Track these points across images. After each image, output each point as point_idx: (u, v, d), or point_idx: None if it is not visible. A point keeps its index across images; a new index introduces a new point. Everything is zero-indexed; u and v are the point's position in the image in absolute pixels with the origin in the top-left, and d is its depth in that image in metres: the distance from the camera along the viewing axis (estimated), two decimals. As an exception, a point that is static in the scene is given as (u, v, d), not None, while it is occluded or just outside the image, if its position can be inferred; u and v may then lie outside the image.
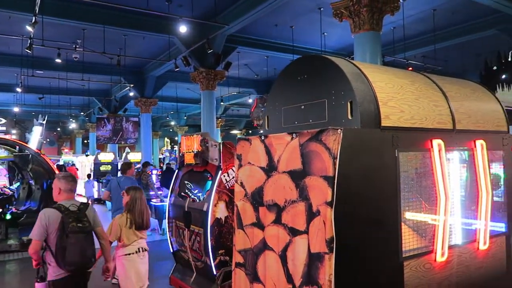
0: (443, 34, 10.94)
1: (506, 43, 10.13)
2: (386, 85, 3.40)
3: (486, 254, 4.13)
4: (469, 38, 11.39)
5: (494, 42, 10.74)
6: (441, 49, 12.15)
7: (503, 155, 4.46)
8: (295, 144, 3.17)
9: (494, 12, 9.52)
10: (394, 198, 3.26)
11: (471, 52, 12.76)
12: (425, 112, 3.58)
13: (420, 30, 10.91)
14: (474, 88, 4.62)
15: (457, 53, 12.86)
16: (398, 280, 3.25)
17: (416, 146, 3.52)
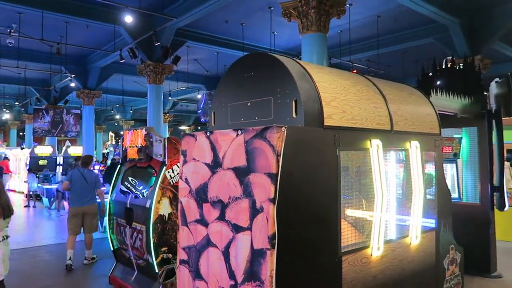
0: (386, 40, 11.50)
1: (441, 52, 10.86)
2: (330, 86, 3.50)
3: (417, 248, 4.40)
4: (410, 45, 12.06)
5: (431, 50, 11.46)
6: (384, 54, 12.76)
7: (435, 156, 4.77)
8: (240, 141, 3.17)
9: (431, 22, 10.16)
10: (335, 196, 3.37)
11: (411, 59, 13.51)
12: (365, 113, 3.73)
13: (365, 35, 11.37)
14: (411, 92, 4.89)
15: (399, 58, 13.57)
16: (336, 274, 3.36)
17: (356, 146, 3.66)
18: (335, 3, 7.21)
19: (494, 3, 9.61)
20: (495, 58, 11.64)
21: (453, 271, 5.02)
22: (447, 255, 4.89)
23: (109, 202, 5.56)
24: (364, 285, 3.62)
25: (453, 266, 5.02)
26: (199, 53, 14.01)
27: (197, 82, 18.30)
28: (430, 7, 8.85)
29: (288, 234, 2.94)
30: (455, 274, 5.05)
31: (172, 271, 4.48)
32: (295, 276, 3.03)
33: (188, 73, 16.67)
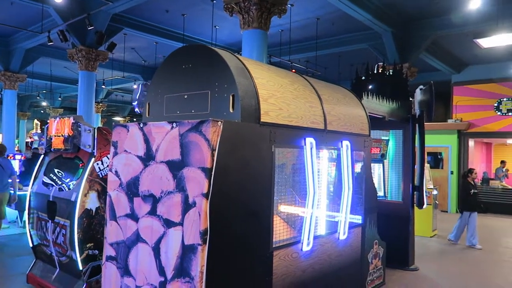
0: (324, 42, 11.88)
1: (375, 57, 11.46)
2: (268, 83, 3.53)
3: (345, 243, 4.60)
4: (346, 49, 12.57)
5: (365, 55, 12.04)
6: (322, 56, 13.18)
7: (364, 156, 5.02)
8: (175, 133, 3.08)
9: (367, 28, 10.67)
10: (269, 192, 3.41)
11: (347, 62, 14.08)
12: (301, 112, 3.82)
13: (305, 36, 11.65)
14: (345, 94, 5.09)
15: (335, 61, 14.10)
16: (267, 269, 3.41)
17: (291, 143, 3.73)
18: (277, 1, 7.30)
19: (422, 16, 10.33)
20: (421, 67, 12.52)
21: (376, 265, 5.33)
22: (371, 249, 5.18)
23: (29, 195, 5.14)
24: (293, 279, 3.71)
25: (376, 260, 5.33)
26: (136, 41, 13.46)
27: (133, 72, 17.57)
28: (366, 14, 9.28)
29: (220, 229, 2.92)
30: (378, 268, 5.37)
31: (98, 269, 4.26)
32: (226, 271, 3.02)
33: (124, 62, 15.94)
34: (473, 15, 9.19)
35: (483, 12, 8.96)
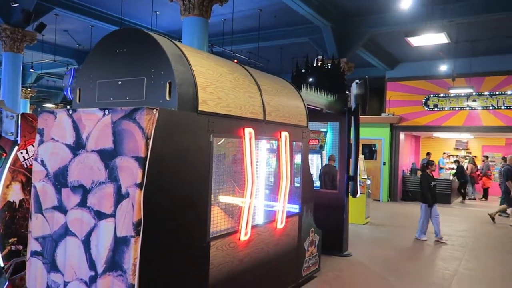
0: (266, 34, 11.94)
1: (315, 51, 11.74)
2: (207, 71, 3.47)
3: (282, 232, 4.70)
4: (287, 42, 12.75)
5: (306, 48, 12.30)
6: (264, 48, 13.26)
7: (302, 147, 5.13)
8: (107, 121, 2.93)
9: (308, 22, 10.88)
10: (206, 182, 3.37)
11: (288, 55, 14.29)
12: (240, 102, 3.81)
13: (248, 27, 11.64)
14: (284, 85, 5.16)
15: (277, 54, 14.26)
16: (204, 259, 3.38)
17: (230, 133, 3.72)
18: (218, -11, 7.20)
19: (360, 13, 10.74)
20: (358, 63, 13.06)
21: (312, 252, 5.51)
22: (307, 237, 5.34)
23: None
24: (230, 268, 3.72)
25: (312, 247, 5.52)
26: (70, 23, 12.62)
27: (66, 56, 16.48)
28: (307, 8, 9.46)
29: (155, 220, 2.84)
30: (314, 255, 5.56)
31: (22, 265, 3.97)
32: (161, 263, 2.95)
33: (56, 45, 14.88)
34: (405, 15, 9.72)
35: (414, 12, 9.50)
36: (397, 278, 5.85)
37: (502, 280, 6.00)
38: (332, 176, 7.66)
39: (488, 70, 13.29)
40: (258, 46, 11.88)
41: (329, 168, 7.99)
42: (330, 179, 7.73)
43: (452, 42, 10.00)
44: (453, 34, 9.91)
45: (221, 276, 3.58)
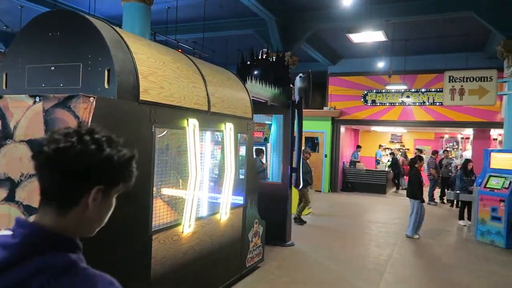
0: (211, 24, 11.78)
1: (261, 44, 11.79)
2: (148, 59, 3.34)
3: (226, 223, 4.69)
4: (233, 33, 12.68)
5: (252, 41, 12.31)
6: (210, 39, 13.08)
7: (246, 138, 5.15)
8: (38, 109, 2.73)
9: (253, 14, 10.89)
10: (148, 174, 3.26)
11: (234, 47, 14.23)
12: (184, 92, 3.72)
13: (192, 16, 11.40)
14: (229, 76, 5.13)
15: (223, 45, 14.14)
16: (145, 253, 3.29)
17: (173, 124, 3.62)
18: (162, -25, 6.97)
19: (305, 8, 10.94)
20: (302, 57, 13.32)
21: (256, 243, 5.57)
22: (251, 228, 5.39)
23: None
24: (173, 261, 3.65)
25: (256, 238, 5.58)
26: (-3, 3, 11.61)
27: (-7, 39, 15.18)
28: (253, 0, 9.48)
29: (92, 214, 2.70)
30: (258, 245, 5.63)
31: None
32: (100, 258, 2.81)
33: (-20, 26, 13.64)
34: (347, 12, 10.05)
35: (355, 10, 9.86)
36: (337, 265, 6.09)
37: (430, 262, 6.48)
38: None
39: (420, 69, 14.17)
40: (203, 37, 11.69)
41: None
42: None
43: (389, 41, 10.52)
44: (390, 33, 10.44)
45: (163, 270, 3.50)
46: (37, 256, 0.87)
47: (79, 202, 0.95)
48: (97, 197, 0.97)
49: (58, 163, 0.92)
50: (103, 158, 0.96)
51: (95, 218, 1.00)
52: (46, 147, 0.92)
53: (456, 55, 13.37)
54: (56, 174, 0.93)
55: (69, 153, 0.91)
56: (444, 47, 13.11)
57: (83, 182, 0.95)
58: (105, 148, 0.97)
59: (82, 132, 0.96)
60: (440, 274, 5.97)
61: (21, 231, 0.91)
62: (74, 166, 0.92)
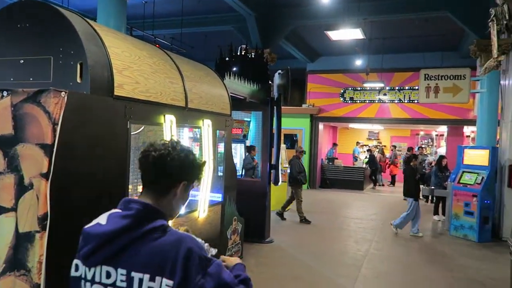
0: (189, 20, 11.64)
1: (240, 40, 11.73)
2: (123, 53, 3.25)
3: (205, 221, 4.64)
4: (211, 29, 12.56)
5: (231, 37, 12.23)
6: (189, 35, 12.93)
7: (225, 135, 5.10)
8: (5, 104, 2.61)
9: (232, 10, 10.81)
10: (123, 171, 3.18)
11: (213, 43, 14.10)
12: (161, 87, 3.64)
13: (170, 11, 11.22)
14: (207, 72, 5.06)
15: (202, 41, 14.00)
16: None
17: (149, 120, 3.54)
18: (139, -31, 6.82)
19: (284, 5, 10.94)
20: (281, 54, 13.33)
21: (235, 240, 5.54)
22: (230, 226, 5.35)
23: None
24: (150, 261, 3.58)
25: (235, 235, 5.55)
26: (-36, -6, 11.14)
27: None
28: (231, -5, 9.41)
29: (64, 213, 2.60)
30: (236, 243, 5.60)
31: None
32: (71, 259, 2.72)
33: None
34: (326, 10, 10.10)
35: (333, 8, 9.92)
36: (316, 261, 6.13)
37: (405, 257, 6.60)
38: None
39: (397, 67, 14.41)
40: (181, 32, 11.53)
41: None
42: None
43: (367, 39, 10.64)
44: (368, 31, 10.56)
45: (139, 269, 3.42)
46: (147, 222, 1.30)
47: (170, 191, 1.40)
48: (181, 189, 1.42)
49: (159, 165, 1.37)
50: (189, 163, 1.42)
51: (177, 204, 1.44)
52: (153, 153, 1.37)
53: (432, 54, 13.66)
54: (158, 172, 1.38)
55: (167, 158, 1.37)
56: (420, 46, 13.36)
57: (174, 178, 1.40)
58: (190, 156, 1.42)
59: (174, 144, 1.41)
60: (415, 268, 6.08)
61: (135, 206, 1.33)
62: (170, 167, 1.37)
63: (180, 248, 1.25)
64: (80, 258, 1.36)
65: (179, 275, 1.23)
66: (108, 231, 1.29)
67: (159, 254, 1.26)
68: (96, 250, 1.30)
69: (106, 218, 1.35)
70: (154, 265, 1.25)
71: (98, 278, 1.31)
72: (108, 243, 1.29)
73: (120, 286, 1.27)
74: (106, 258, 1.30)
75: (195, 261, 1.26)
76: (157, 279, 1.23)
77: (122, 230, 1.28)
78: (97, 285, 1.31)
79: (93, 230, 1.34)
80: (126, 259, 1.27)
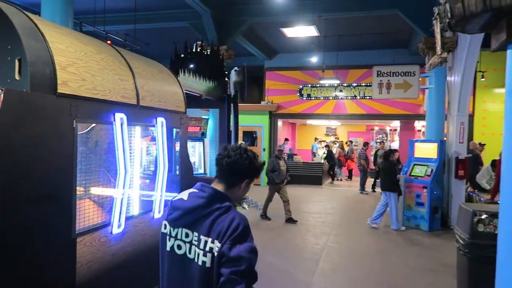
0: (143, 16, 11.34)
1: (197, 36, 11.57)
2: (67, 49, 3.09)
3: (160, 222, 4.51)
4: (167, 26, 12.31)
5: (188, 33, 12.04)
6: (143, 31, 12.61)
7: (180, 133, 5.00)
8: None
9: (187, 7, 10.64)
10: (69, 172, 3.03)
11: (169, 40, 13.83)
12: (109, 84, 3.50)
13: (122, 7, 10.89)
14: (161, 69, 4.93)
15: (157, 37, 13.70)
16: (69, 258, 3.06)
17: (97, 118, 3.40)
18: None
19: (240, 2, 10.91)
20: (239, 51, 13.31)
21: (193, 240, 5.46)
22: (187, 225, 5.26)
23: None
24: (102, 265, 3.44)
25: (193, 235, 5.46)
26: None
27: None
28: (186, -9, 9.25)
29: (4, 217, 2.44)
30: (194, 242, 5.51)
31: None
32: (13, 265, 2.56)
33: None
34: (281, 7, 10.19)
35: (289, 5, 10.02)
36: (276, 257, 6.17)
37: (362, 248, 6.80)
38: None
39: (352, 64, 14.80)
40: (135, 28, 11.22)
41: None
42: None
43: (322, 36, 10.83)
44: (323, 29, 10.75)
45: (90, 274, 3.29)
46: (218, 202, 1.81)
47: (236, 185, 1.92)
48: (244, 185, 1.94)
49: (232, 166, 1.87)
50: (254, 166, 1.92)
51: (239, 195, 1.95)
52: (227, 157, 1.87)
53: (384, 51, 14.15)
54: (230, 171, 1.89)
55: (238, 161, 1.87)
56: (373, 43, 13.79)
57: (241, 178, 1.91)
58: (253, 160, 1.91)
59: (242, 150, 1.90)
60: (371, 259, 6.28)
61: (207, 190, 1.84)
62: (239, 170, 1.89)
63: (232, 223, 1.75)
64: (168, 221, 1.94)
65: (224, 240, 1.72)
66: (190, 206, 1.83)
67: (220, 225, 1.75)
68: (180, 218, 1.84)
69: (187, 195, 1.87)
70: (215, 233, 1.75)
71: (180, 236, 1.86)
72: (188, 214, 1.82)
73: (194, 244, 1.79)
74: (185, 224, 1.84)
75: (237, 233, 1.73)
76: (215, 242, 1.73)
77: (198, 206, 1.81)
78: (178, 241, 1.86)
79: (178, 204, 1.88)
80: (199, 226, 1.79)
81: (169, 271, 1.93)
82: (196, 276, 1.76)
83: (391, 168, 8.36)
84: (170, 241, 1.89)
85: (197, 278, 1.76)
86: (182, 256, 1.83)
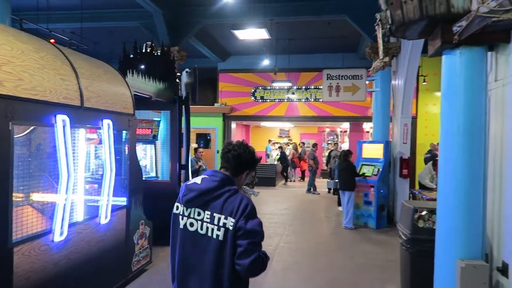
0: (90, 14, 10.91)
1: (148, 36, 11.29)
2: (2, 47, 2.92)
3: (107, 227, 4.38)
4: (116, 25, 11.91)
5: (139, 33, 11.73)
6: (92, 30, 12.12)
7: (128, 136, 4.86)
8: None
9: (138, 6, 10.37)
10: (5, 178, 2.85)
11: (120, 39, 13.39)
12: (50, 85, 3.34)
13: (68, 4, 10.41)
14: (107, 70, 4.77)
15: (108, 37, 13.22)
16: (5, 269, 2.88)
17: (37, 120, 3.24)
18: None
19: (191, 3, 10.78)
20: (192, 53, 13.14)
21: (143, 245, 5.32)
22: (137, 230, 5.13)
23: None
24: (42, 275, 3.27)
25: (143, 240, 5.33)
26: None
27: None
28: (135, -10, 9.01)
29: None
30: (144, 247, 5.38)
31: None
32: None
33: None
34: (233, 9, 10.20)
35: (241, 7, 10.06)
36: (227, 259, 6.15)
37: (312, 248, 6.96)
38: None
39: (303, 67, 15.13)
40: (81, 27, 10.77)
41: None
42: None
43: (274, 39, 10.98)
44: (275, 32, 10.90)
45: (29, 285, 3.11)
46: (228, 185, 2.11)
47: (239, 175, 2.23)
48: (245, 175, 2.26)
49: (237, 159, 2.18)
50: (254, 159, 2.26)
51: (239, 183, 2.22)
52: (233, 151, 2.19)
53: (334, 55, 14.59)
54: (235, 164, 2.19)
55: (242, 155, 2.20)
56: (323, 47, 14.17)
57: (243, 169, 2.22)
58: (254, 155, 2.26)
59: (244, 145, 2.25)
60: (322, 258, 6.44)
61: (219, 174, 2.14)
62: (243, 162, 2.21)
63: (242, 203, 2.04)
64: (181, 202, 2.16)
65: (237, 217, 2.00)
66: (204, 188, 2.09)
67: (231, 204, 2.04)
68: (194, 198, 2.09)
69: (200, 179, 2.13)
70: (228, 210, 2.02)
71: (192, 215, 2.10)
72: (202, 195, 2.08)
73: (205, 221, 2.06)
74: (199, 204, 2.08)
75: (248, 211, 2.03)
76: (229, 218, 2.01)
77: (212, 188, 2.08)
78: (191, 219, 2.11)
79: (193, 186, 2.12)
80: (212, 205, 2.06)
81: (181, 246, 2.15)
82: (209, 248, 2.03)
83: (351, 168, 8.55)
84: (183, 220, 2.12)
85: (210, 249, 2.03)
86: (193, 233, 2.08)
